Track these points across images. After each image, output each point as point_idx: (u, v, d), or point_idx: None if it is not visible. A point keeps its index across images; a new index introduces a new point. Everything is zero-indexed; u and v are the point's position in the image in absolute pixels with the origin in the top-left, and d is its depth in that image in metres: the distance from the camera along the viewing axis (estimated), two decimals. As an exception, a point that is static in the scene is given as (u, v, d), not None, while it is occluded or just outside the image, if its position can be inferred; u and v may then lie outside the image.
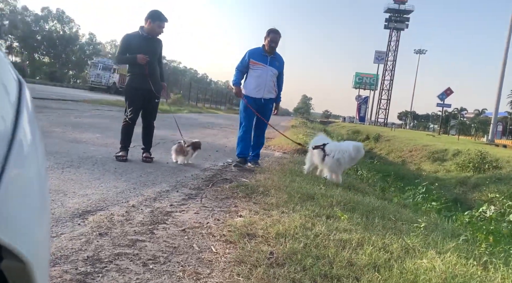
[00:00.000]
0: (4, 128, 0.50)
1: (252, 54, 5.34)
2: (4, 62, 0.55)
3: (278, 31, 5.30)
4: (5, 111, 0.51)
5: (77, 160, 4.26)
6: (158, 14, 4.69)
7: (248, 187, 3.88)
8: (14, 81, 0.57)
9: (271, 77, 5.31)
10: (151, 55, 4.68)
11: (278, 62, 5.38)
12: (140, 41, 4.65)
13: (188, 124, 12.36)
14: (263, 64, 5.27)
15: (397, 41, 70.06)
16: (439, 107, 41.00)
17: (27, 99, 0.59)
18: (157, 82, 4.81)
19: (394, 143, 23.48)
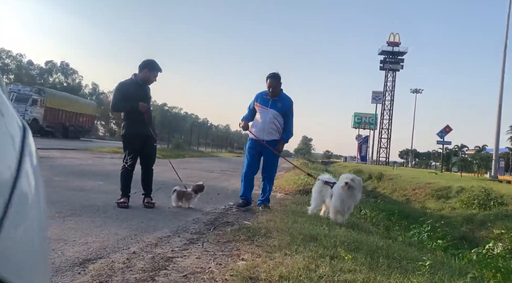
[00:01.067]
0: (7, 176, 0.52)
1: (257, 98, 5.53)
2: (7, 109, 0.58)
3: (276, 75, 5.41)
4: (8, 160, 0.54)
5: (79, 208, 4.26)
6: (155, 64, 4.87)
7: (250, 229, 3.84)
8: (19, 127, 0.61)
9: (271, 119, 5.38)
10: (147, 102, 4.86)
11: (281, 104, 5.43)
12: (135, 89, 4.78)
13: (190, 169, 12.38)
14: (264, 107, 5.41)
15: (393, 82, 71.50)
16: (440, 144, 41.16)
17: (30, 145, 0.61)
18: (153, 127, 4.99)
19: (397, 182, 23.34)
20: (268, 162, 5.49)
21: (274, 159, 5.53)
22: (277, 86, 5.42)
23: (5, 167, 0.52)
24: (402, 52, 70.61)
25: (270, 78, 5.39)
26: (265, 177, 5.56)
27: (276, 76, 5.42)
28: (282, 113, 5.44)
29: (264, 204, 5.45)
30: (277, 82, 5.41)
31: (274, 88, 5.37)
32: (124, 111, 4.90)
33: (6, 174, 0.52)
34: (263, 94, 5.50)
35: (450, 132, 38.31)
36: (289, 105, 5.52)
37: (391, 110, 71.48)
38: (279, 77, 5.44)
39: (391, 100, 71.46)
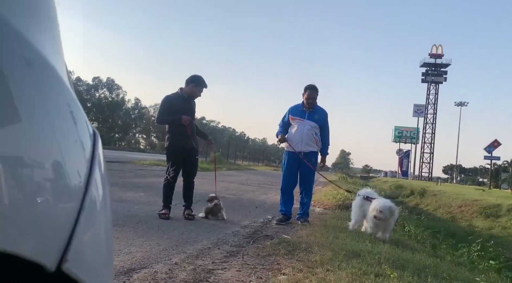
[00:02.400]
0: (78, 183, 0.55)
1: (291, 110, 5.52)
2: (81, 117, 0.60)
3: (315, 87, 5.45)
4: (80, 166, 0.57)
5: (122, 218, 4.37)
6: (202, 80, 4.99)
7: (290, 243, 3.78)
8: (89, 135, 0.63)
9: (309, 131, 5.35)
10: (191, 116, 4.95)
11: (318, 116, 5.42)
12: (181, 102, 4.90)
13: (227, 182, 12.47)
14: (301, 118, 5.38)
15: (436, 94, 69.08)
16: (487, 160, 39.09)
17: (99, 152, 0.64)
18: (196, 139, 5.05)
19: (441, 198, 22.33)
20: (305, 175, 5.42)
21: (311, 171, 5.46)
22: (316, 98, 5.44)
23: (77, 174, 0.54)
24: (445, 64, 68.30)
25: (309, 90, 5.41)
26: (303, 190, 5.49)
27: (315, 87, 5.45)
28: (319, 125, 5.43)
29: (303, 218, 5.37)
30: (316, 93, 5.44)
31: (313, 100, 5.38)
32: (167, 124, 5.00)
33: (78, 181, 0.54)
34: (298, 107, 5.50)
35: (498, 147, 36.36)
36: (326, 117, 5.52)
37: (434, 124, 68.96)
38: (317, 89, 5.47)
39: (434, 114, 69.00)
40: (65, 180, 0.52)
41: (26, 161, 0.46)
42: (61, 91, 0.56)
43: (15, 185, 0.43)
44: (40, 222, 0.47)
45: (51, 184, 0.49)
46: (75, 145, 0.57)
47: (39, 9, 0.57)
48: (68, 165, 0.53)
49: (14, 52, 0.47)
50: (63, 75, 0.58)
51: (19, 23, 0.49)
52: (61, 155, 0.52)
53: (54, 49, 0.59)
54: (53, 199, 0.49)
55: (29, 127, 0.48)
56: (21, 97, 0.47)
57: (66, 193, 0.52)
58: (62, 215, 0.50)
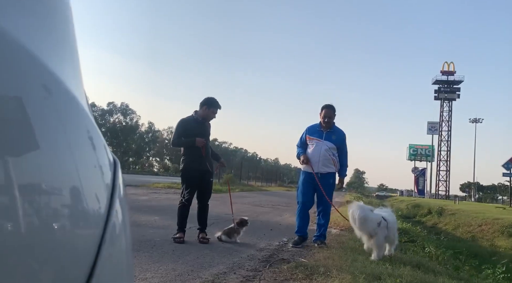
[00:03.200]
0: (99, 210, 0.53)
1: (308, 130, 5.45)
2: (100, 143, 0.60)
3: (332, 106, 5.39)
4: (100, 193, 0.55)
5: (137, 243, 4.34)
6: (214, 102, 5.03)
7: (308, 267, 3.69)
8: (109, 162, 0.62)
9: (326, 151, 5.25)
10: (206, 138, 4.96)
11: (336, 136, 5.34)
12: (195, 125, 4.94)
13: (240, 203, 12.38)
14: (318, 138, 5.30)
15: (450, 112, 68.54)
16: (506, 177, 38.14)
17: (119, 179, 0.63)
18: (210, 162, 5.06)
19: (460, 217, 21.76)
20: (322, 196, 5.26)
21: (329, 192, 5.29)
22: (332, 117, 5.36)
23: (96, 200, 0.53)
24: (458, 81, 67.96)
25: (326, 109, 5.35)
26: (320, 212, 5.37)
27: (332, 106, 5.39)
28: (337, 146, 5.33)
29: (320, 240, 5.25)
30: (332, 112, 5.36)
31: (329, 119, 5.30)
32: (182, 147, 5.01)
33: (98, 207, 0.53)
34: (315, 127, 5.43)
35: (517, 163, 35.52)
36: (343, 138, 5.43)
37: (449, 141, 68.10)
38: (335, 108, 5.40)
39: (449, 131, 68.24)
40: (84, 206, 0.51)
41: (44, 188, 0.45)
42: (80, 117, 0.56)
43: (32, 213, 0.42)
44: (59, 252, 0.45)
45: (69, 211, 0.48)
46: (94, 170, 0.56)
47: (60, 36, 0.58)
48: (86, 190, 0.52)
49: (35, 81, 0.47)
50: (83, 102, 0.58)
51: (41, 52, 0.49)
52: (80, 181, 0.51)
53: (74, 76, 0.59)
54: (72, 226, 0.48)
55: (48, 154, 0.47)
56: (40, 125, 0.46)
57: (85, 220, 0.51)
58: (82, 244, 0.49)
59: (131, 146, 73.44)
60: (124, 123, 72.17)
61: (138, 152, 76.24)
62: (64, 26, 0.59)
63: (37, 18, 0.51)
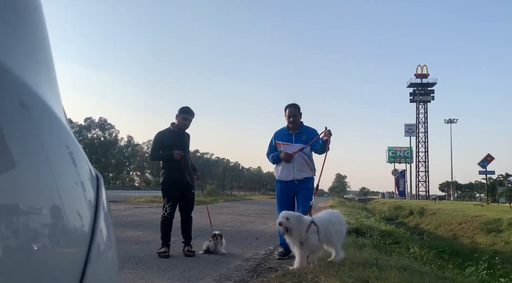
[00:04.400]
0: (82, 227, 0.51)
1: (277, 135, 5.15)
2: (81, 158, 0.57)
3: (295, 104, 5.07)
4: (84, 210, 0.53)
5: (121, 260, 4.24)
6: (186, 108, 4.96)
7: (296, 275, 3.67)
8: (92, 177, 0.60)
9: (300, 155, 4.93)
10: (184, 149, 4.88)
11: (306, 136, 5.00)
12: (172, 137, 4.88)
13: (225, 214, 12.29)
14: (289, 143, 5.00)
15: (426, 113, 70.13)
16: (482, 175, 39.22)
17: (103, 195, 0.61)
18: (190, 173, 4.96)
19: (441, 216, 22.21)
20: (302, 204, 4.91)
21: (308, 198, 4.86)
22: (298, 116, 5.03)
23: (79, 217, 0.51)
24: (432, 83, 69.76)
25: (289, 108, 5.03)
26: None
27: (295, 104, 5.08)
28: (309, 146, 5.00)
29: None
30: (297, 110, 5.04)
31: (294, 117, 4.98)
32: (160, 160, 4.95)
33: (81, 224, 0.51)
34: (283, 131, 5.13)
35: (492, 161, 36.60)
36: (315, 135, 5.00)
37: (426, 142, 69.59)
38: (299, 106, 5.09)
39: (425, 132, 69.78)
40: (65, 224, 0.49)
41: (21, 208, 0.42)
42: (59, 132, 0.54)
43: (9, 235, 0.40)
44: (41, 274, 0.43)
45: (50, 230, 0.46)
46: (75, 186, 0.53)
47: (37, 52, 0.55)
48: (68, 208, 0.49)
49: (10, 96, 0.45)
50: (61, 117, 0.55)
51: (16, 67, 0.47)
52: (60, 199, 0.48)
53: (52, 91, 0.57)
54: (53, 246, 0.45)
55: (25, 172, 0.44)
56: (17, 141, 0.44)
57: (68, 239, 0.49)
58: (66, 264, 0.46)
59: (111, 161, 72.11)
60: (103, 138, 70.97)
61: (118, 167, 74.92)
62: (39, 37, 0.56)
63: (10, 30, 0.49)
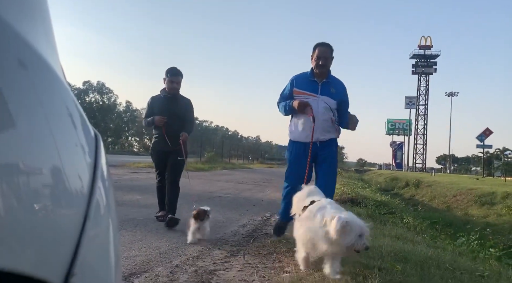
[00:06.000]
0: (81, 188, 0.51)
1: (296, 81, 3.87)
2: (81, 118, 0.57)
3: (329, 44, 3.84)
4: (82, 170, 0.53)
5: (120, 222, 4.32)
6: (170, 69, 4.57)
7: (290, 240, 3.76)
8: (91, 138, 0.60)
9: (326, 110, 3.76)
10: (171, 115, 4.50)
11: (335, 89, 3.83)
12: (161, 103, 4.60)
13: (223, 181, 12.43)
14: (312, 93, 3.77)
15: (427, 86, 69.61)
16: (480, 148, 39.45)
17: (102, 154, 0.61)
18: (175, 140, 4.49)
19: (436, 188, 22.48)
20: (325, 175, 3.77)
21: (334, 167, 3.88)
22: (329, 59, 3.81)
23: (79, 179, 0.51)
24: (435, 55, 68.79)
25: (321, 46, 3.79)
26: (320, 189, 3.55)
27: (328, 44, 3.84)
28: (336, 102, 3.81)
29: None
30: (330, 52, 3.80)
31: (325, 60, 3.73)
32: (148, 126, 4.73)
33: (81, 186, 0.52)
34: (305, 76, 3.86)
35: (490, 135, 36.69)
36: (345, 91, 3.94)
37: (426, 115, 69.48)
38: (332, 48, 3.85)
39: (426, 105, 69.53)
40: (66, 185, 0.49)
41: (22, 167, 0.43)
42: (59, 91, 0.53)
43: (10, 194, 0.40)
44: (41, 233, 0.43)
45: (50, 191, 0.46)
46: (75, 148, 0.53)
47: (33, 8, 0.54)
48: (68, 169, 0.49)
49: (8, 53, 0.43)
50: (60, 75, 0.54)
51: (14, 22, 0.45)
52: (60, 160, 0.48)
53: (49, 48, 0.55)
54: (54, 207, 0.46)
55: (25, 132, 0.44)
56: (16, 100, 0.43)
57: (67, 200, 0.49)
58: (65, 223, 0.47)
59: (109, 125, 72.05)
60: (101, 103, 70.57)
61: (116, 132, 74.96)
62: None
63: None
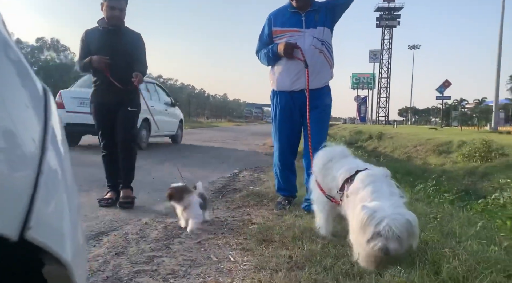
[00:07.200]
0: (34, 149, 0.50)
1: (275, 19, 3.25)
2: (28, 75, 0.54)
3: None
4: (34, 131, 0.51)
5: (86, 183, 4.27)
6: None
7: (259, 194, 3.87)
8: (39, 94, 0.57)
9: (316, 47, 3.11)
10: (114, 53, 3.31)
11: (320, 13, 3.16)
12: (100, 37, 3.36)
13: (191, 140, 12.38)
14: (296, 29, 3.14)
15: (390, 39, 70.35)
16: (439, 100, 40.99)
17: (53, 111, 0.59)
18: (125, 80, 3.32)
19: (398, 140, 23.35)
20: (316, 127, 3.11)
21: (324, 117, 3.26)
22: None
23: (32, 141, 0.50)
24: (398, 7, 69.03)
25: None
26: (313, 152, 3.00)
27: None
28: (328, 28, 3.20)
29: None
30: None
31: None
32: (84, 72, 3.59)
33: (34, 147, 0.50)
34: (284, 11, 3.23)
35: (449, 86, 38.02)
36: (332, 10, 3.23)
37: (389, 68, 70.77)
38: None
39: (389, 58, 70.61)
40: (18, 149, 0.47)
41: None
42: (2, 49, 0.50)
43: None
44: None
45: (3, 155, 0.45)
46: (26, 111, 0.51)
47: None
48: (20, 132, 0.48)
49: None
50: (4, 33, 0.51)
51: None
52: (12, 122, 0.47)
53: None
54: (8, 169, 0.45)
55: None
56: None
57: (21, 162, 0.48)
58: (18, 182, 0.46)
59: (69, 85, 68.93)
60: (58, 61, 66.88)
61: (77, 92, 71.97)
62: None
63: None
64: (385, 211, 1.83)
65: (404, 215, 1.84)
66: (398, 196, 2.01)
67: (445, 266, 1.81)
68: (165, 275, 1.96)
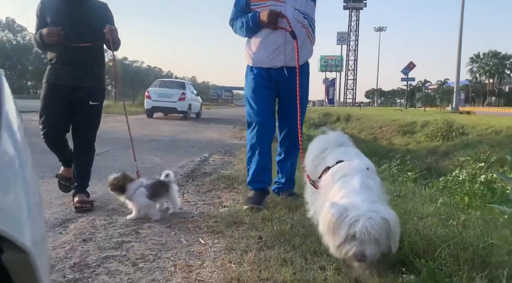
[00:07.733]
0: None
1: None
2: None
3: None
4: None
5: (51, 170, 4.12)
6: None
7: (229, 178, 3.88)
8: None
9: (299, 19, 2.80)
10: (74, 25, 2.76)
11: None
12: (57, 8, 2.81)
13: (158, 123, 12.19)
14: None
15: (357, 21, 71.02)
16: (404, 82, 42.10)
17: (6, 92, 0.56)
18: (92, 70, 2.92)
19: (364, 121, 23.96)
20: (289, 107, 2.89)
21: (302, 97, 2.80)
22: None
23: None
24: (365, -11, 69.54)
25: None
26: (285, 138, 3.05)
27: None
28: (311, 2, 2.89)
29: (288, 191, 3.05)
30: None
31: None
32: (41, 49, 2.90)
33: None
34: None
35: (413, 68, 39.06)
36: None
37: (356, 51, 71.66)
38: None
39: (356, 41, 71.41)
40: None
41: None
42: None
43: None
44: None
45: None
46: None
47: None
48: None
49: None
50: None
51: None
52: None
53: None
54: None
55: None
56: None
57: None
58: None
59: (27, 67, 65.63)
60: (15, 42, 63.47)
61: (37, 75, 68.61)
62: None
63: None
64: (359, 209, 1.60)
65: (380, 213, 1.60)
66: (374, 191, 1.76)
67: (407, 241, 1.90)
68: (134, 260, 1.95)
